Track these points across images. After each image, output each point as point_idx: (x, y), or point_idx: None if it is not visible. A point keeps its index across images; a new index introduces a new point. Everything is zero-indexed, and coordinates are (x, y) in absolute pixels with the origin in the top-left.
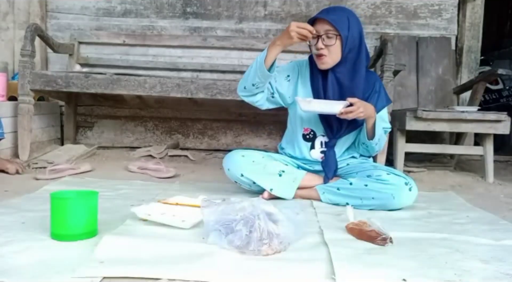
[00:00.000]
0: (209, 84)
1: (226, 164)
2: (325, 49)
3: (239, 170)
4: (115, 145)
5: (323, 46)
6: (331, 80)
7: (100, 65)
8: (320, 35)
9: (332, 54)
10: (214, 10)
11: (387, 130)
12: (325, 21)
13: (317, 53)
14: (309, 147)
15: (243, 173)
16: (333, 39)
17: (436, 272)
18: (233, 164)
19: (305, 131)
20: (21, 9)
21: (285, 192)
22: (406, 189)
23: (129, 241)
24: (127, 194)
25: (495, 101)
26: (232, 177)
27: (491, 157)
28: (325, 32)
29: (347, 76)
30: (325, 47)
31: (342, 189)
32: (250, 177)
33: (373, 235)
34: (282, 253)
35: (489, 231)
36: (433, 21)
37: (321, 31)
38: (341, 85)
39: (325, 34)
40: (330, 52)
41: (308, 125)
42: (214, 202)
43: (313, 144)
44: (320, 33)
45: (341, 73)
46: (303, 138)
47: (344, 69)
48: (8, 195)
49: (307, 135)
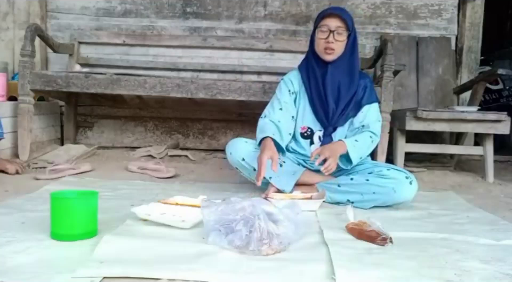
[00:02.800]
0: (209, 84)
1: (229, 148)
2: (335, 43)
3: (241, 154)
4: (115, 145)
5: (334, 41)
6: (330, 74)
7: (100, 65)
8: (332, 31)
9: (339, 47)
10: (214, 10)
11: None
12: (337, 17)
13: (327, 46)
14: (308, 143)
15: (244, 157)
16: (343, 35)
17: (436, 272)
18: (235, 148)
19: (302, 129)
20: (21, 9)
21: (284, 183)
22: (407, 183)
23: (129, 241)
24: (127, 194)
25: (495, 101)
26: (234, 162)
27: (491, 157)
28: (336, 28)
29: (344, 69)
30: (335, 42)
31: (343, 185)
32: (251, 163)
33: (373, 235)
34: (282, 253)
35: (489, 231)
36: (433, 21)
37: (332, 26)
38: (339, 79)
39: (336, 30)
40: (337, 46)
41: (304, 124)
42: (214, 202)
43: (311, 140)
44: (332, 28)
45: (339, 66)
46: (301, 137)
47: (342, 63)
48: (8, 195)
49: (305, 133)
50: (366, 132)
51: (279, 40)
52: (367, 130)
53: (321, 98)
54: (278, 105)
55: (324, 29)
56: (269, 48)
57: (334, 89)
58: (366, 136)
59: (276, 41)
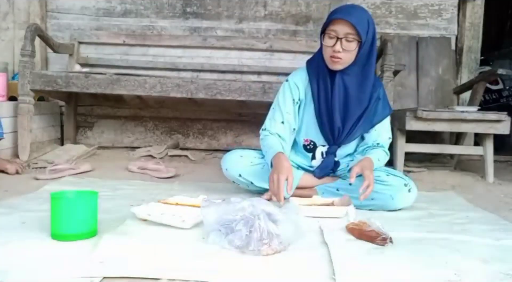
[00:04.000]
0: (209, 84)
1: (224, 164)
2: (342, 52)
3: (237, 170)
4: (115, 145)
5: (341, 49)
6: (338, 84)
7: (100, 65)
8: (340, 38)
9: (347, 57)
10: (214, 10)
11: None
12: (347, 23)
13: (334, 55)
14: (310, 157)
15: (241, 173)
16: (353, 43)
17: (436, 272)
18: (231, 164)
19: (306, 142)
20: (21, 9)
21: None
22: (406, 190)
23: (129, 241)
24: (127, 194)
25: (495, 101)
26: (230, 177)
27: (491, 157)
28: (345, 35)
29: (355, 79)
30: (343, 50)
31: (342, 190)
32: (248, 178)
33: (373, 235)
34: (282, 253)
35: (489, 231)
36: (433, 21)
37: (340, 33)
38: (347, 90)
39: (345, 37)
40: (345, 55)
41: (308, 136)
42: (214, 202)
43: (314, 154)
44: (340, 35)
45: (350, 75)
46: (304, 149)
47: (353, 73)
48: (8, 195)
49: (308, 146)
50: (381, 151)
51: (279, 40)
52: (382, 149)
53: (328, 112)
54: (280, 117)
55: (331, 35)
56: (269, 48)
57: (341, 103)
58: (382, 156)
59: (276, 41)
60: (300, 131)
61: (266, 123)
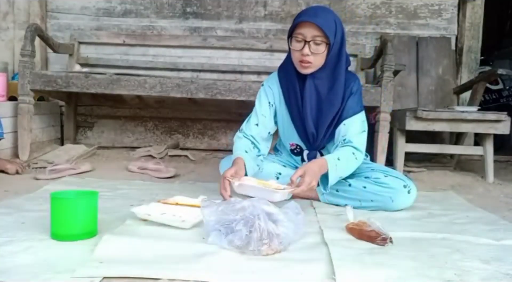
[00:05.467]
0: (209, 84)
1: (222, 168)
2: (311, 56)
3: None
4: (115, 145)
5: (309, 52)
6: (309, 88)
7: (100, 65)
8: (308, 41)
9: (317, 60)
10: (214, 10)
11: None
12: (313, 25)
13: (303, 59)
14: (299, 159)
15: None
16: (321, 46)
17: (436, 272)
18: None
19: (292, 146)
20: (21, 9)
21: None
22: (405, 192)
23: (129, 241)
24: (127, 194)
25: (495, 101)
26: None
27: (491, 157)
28: (312, 38)
29: (326, 82)
30: (311, 54)
31: (341, 191)
32: None
33: (373, 235)
34: (282, 253)
35: (489, 231)
36: (433, 21)
37: (307, 36)
38: (319, 94)
39: (313, 40)
40: (315, 59)
41: (293, 141)
42: (214, 202)
43: (302, 157)
44: (307, 38)
45: (321, 79)
46: (292, 153)
47: (324, 75)
48: (8, 195)
49: (294, 150)
50: (348, 148)
51: (279, 40)
52: (350, 145)
53: (301, 117)
54: (255, 120)
55: (299, 38)
56: (269, 48)
57: (314, 108)
58: (348, 154)
59: (276, 41)
60: (284, 135)
61: (242, 125)
